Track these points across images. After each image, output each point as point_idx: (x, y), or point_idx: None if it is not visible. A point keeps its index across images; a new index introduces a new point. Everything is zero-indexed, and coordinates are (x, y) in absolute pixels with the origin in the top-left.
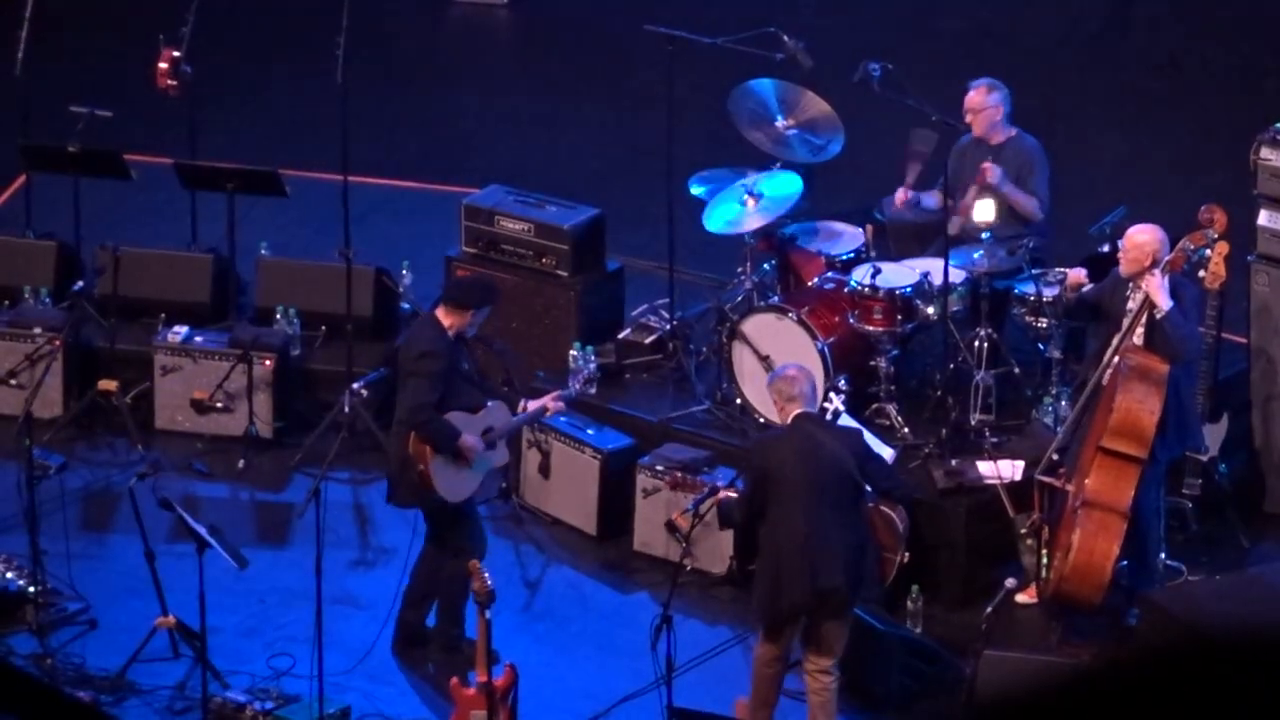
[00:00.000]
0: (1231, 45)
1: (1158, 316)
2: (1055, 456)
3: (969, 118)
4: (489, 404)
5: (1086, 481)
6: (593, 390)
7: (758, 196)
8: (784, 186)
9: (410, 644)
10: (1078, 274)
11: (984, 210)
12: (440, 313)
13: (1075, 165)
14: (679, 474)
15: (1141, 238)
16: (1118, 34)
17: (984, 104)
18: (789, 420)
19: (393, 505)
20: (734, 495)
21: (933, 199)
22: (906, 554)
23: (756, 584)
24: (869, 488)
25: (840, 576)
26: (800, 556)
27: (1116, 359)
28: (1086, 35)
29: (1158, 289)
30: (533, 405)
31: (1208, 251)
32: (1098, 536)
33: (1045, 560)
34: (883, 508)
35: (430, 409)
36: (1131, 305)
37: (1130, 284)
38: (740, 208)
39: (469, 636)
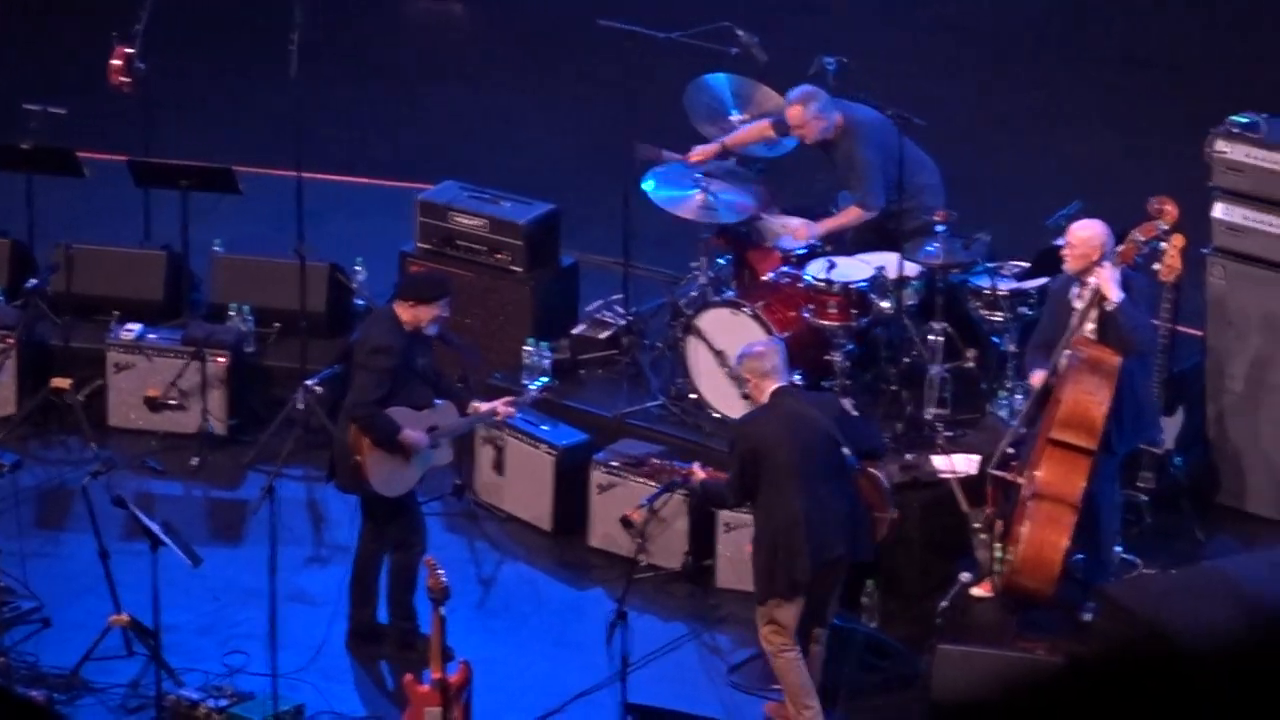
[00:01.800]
0: (1188, 39)
1: (1108, 309)
2: (1010, 450)
3: (796, 133)
4: (437, 403)
5: (1037, 473)
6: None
7: (710, 195)
8: (735, 207)
9: (364, 641)
10: (1037, 378)
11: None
12: (398, 307)
13: (1035, 159)
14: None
15: (1086, 233)
16: (1076, 29)
17: (804, 118)
18: (766, 397)
19: (335, 486)
20: (719, 477)
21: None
22: (896, 511)
23: (755, 564)
24: (849, 452)
25: (842, 546)
26: (798, 532)
27: (1068, 352)
28: (1046, 30)
29: (1108, 281)
30: (483, 408)
31: (1163, 244)
32: (1047, 528)
33: (999, 554)
34: (869, 469)
35: (372, 405)
36: (1078, 303)
37: (1077, 281)
38: (689, 194)
39: (423, 633)
